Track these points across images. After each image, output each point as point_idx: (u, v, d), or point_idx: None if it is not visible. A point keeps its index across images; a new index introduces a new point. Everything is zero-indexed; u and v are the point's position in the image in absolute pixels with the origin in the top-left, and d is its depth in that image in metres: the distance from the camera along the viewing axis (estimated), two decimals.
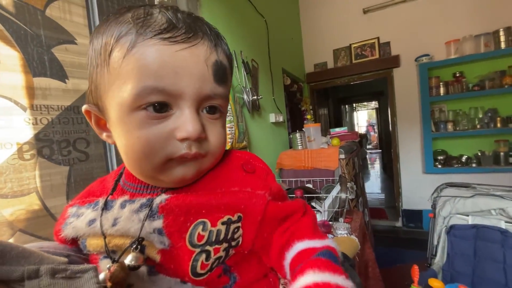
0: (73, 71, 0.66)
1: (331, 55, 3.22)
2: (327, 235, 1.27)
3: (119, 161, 0.75)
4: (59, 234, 0.35)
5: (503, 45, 2.41)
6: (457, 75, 2.66)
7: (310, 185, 1.78)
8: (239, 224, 0.32)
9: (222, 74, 0.32)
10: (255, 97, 1.69)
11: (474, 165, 2.63)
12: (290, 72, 2.72)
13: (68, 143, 0.65)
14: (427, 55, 2.69)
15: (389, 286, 1.74)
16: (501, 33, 2.41)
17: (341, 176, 1.64)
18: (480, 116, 2.62)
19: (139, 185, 0.35)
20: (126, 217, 0.31)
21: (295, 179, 1.84)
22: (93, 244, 0.33)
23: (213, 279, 0.31)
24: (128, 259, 0.30)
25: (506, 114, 2.51)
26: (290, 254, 0.32)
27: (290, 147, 2.31)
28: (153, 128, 0.29)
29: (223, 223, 0.31)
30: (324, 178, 1.75)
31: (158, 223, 0.30)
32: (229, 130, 1.29)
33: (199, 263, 0.30)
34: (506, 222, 1.26)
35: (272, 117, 2.05)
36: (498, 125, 2.50)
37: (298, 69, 3.13)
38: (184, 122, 0.29)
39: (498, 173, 2.49)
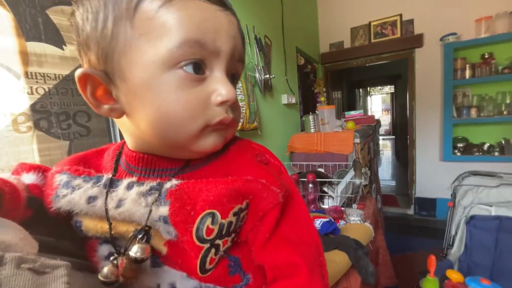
0: (71, 37, 0.60)
1: (348, 34, 3.03)
2: (339, 220, 1.23)
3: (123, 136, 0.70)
4: (50, 207, 0.30)
5: None
6: (486, 56, 2.46)
7: (322, 170, 1.72)
8: (246, 211, 0.28)
9: (244, 43, 0.32)
10: (268, 76, 1.61)
11: (496, 153, 2.49)
12: (304, 52, 2.58)
13: (68, 116, 0.60)
14: (454, 33, 2.48)
15: (399, 273, 1.72)
16: None
17: (355, 161, 1.57)
18: (508, 101, 2.44)
19: (144, 168, 0.31)
20: (133, 199, 0.27)
21: (306, 163, 1.78)
22: (92, 228, 0.29)
23: (224, 276, 0.28)
24: (134, 250, 0.27)
25: None
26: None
27: (302, 131, 2.23)
28: (193, 91, 0.27)
29: (234, 214, 0.27)
30: (337, 163, 1.69)
31: (164, 209, 0.26)
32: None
33: (208, 259, 0.26)
34: None
35: (284, 98, 1.96)
36: None
37: (313, 49, 2.98)
38: (221, 85, 0.28)
39: None
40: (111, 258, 0.27)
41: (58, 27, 0.58)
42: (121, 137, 0.70)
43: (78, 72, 0.27)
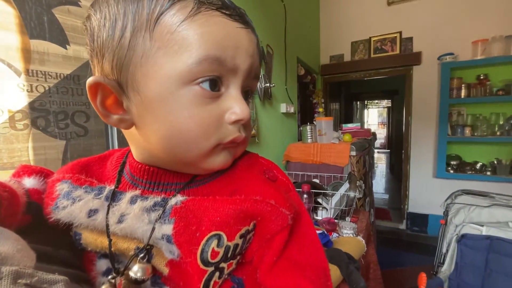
0: (75, 37, 0.60)
1: (348, 48, 3.08)
2: (332, 233, 1.22)
3: (120, 139, 0.70)
4: (49, 217, 0.28)
5: None
6: (481, 77, 2.52)
7: (317, 180, 1.72)
8: (253, 232, 0.27)
9: (262, 60, 0.33)
10: (268, 84, 1.62)
11: (489, 173, 2.52)
12: (305, 62, 2.61)
13: (66, 116, 0.60)
14: (451, 54, 2.55)
15: None
16: None
17: (350, 174, 1.58)
18: (501, 122, 2.49)
19: (149, 181, 0.30)
20: (135, 214, 0.26)
21: (301, 172, 1.78)
22: (91, 241, 0.28)
23: None
24: (134, 271, 0.25)
25: None
26: None
27: (299, 140, 2.24)
28: (207, 108, 0.26)
29: (241, 236, 0.26)
30: (332, 174, 1.69)
31: (168, 228, 0.25)
32: None
33: (211, 283, 0.25)
34: None
35: (283, 107, 1.97)
36: None
37: (313, 60, 3.02)
38: (236, 103, 0.27)
39: None
40: (110, 277, 0.26)
41: (63, 27, 0.58)
42: (119, 139, 0.70)
43: (89, 81, 0.26)
